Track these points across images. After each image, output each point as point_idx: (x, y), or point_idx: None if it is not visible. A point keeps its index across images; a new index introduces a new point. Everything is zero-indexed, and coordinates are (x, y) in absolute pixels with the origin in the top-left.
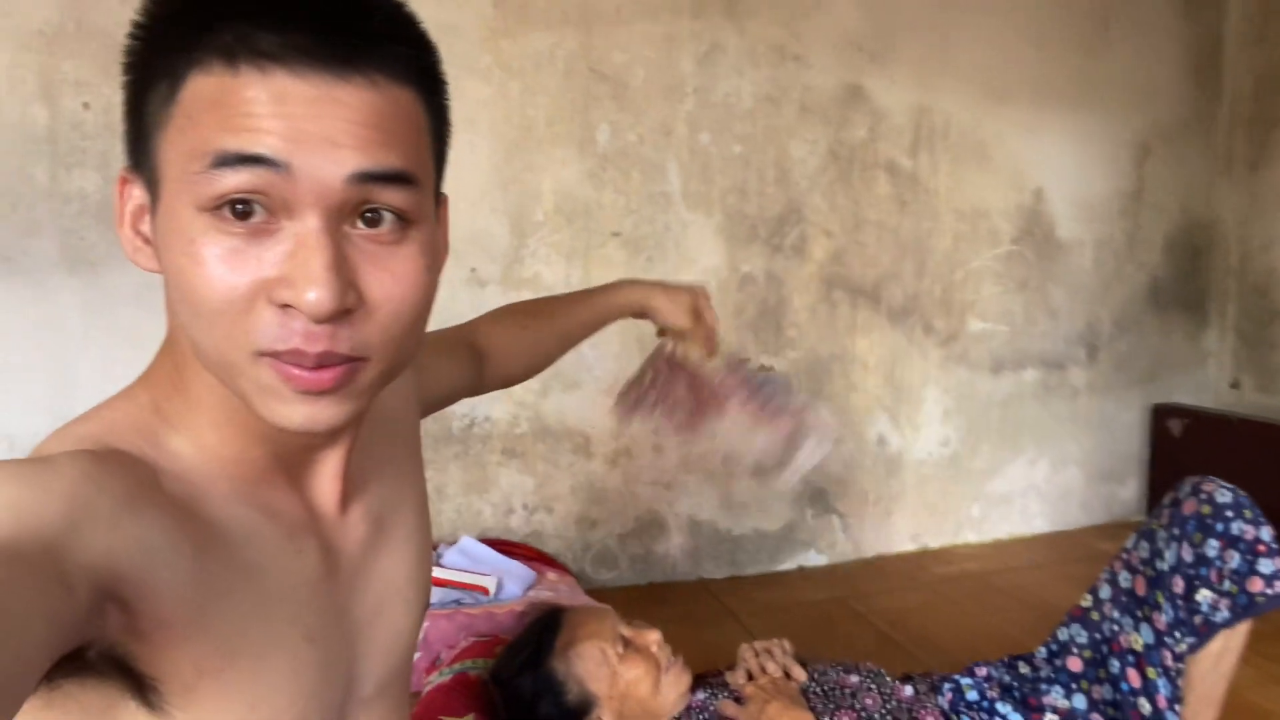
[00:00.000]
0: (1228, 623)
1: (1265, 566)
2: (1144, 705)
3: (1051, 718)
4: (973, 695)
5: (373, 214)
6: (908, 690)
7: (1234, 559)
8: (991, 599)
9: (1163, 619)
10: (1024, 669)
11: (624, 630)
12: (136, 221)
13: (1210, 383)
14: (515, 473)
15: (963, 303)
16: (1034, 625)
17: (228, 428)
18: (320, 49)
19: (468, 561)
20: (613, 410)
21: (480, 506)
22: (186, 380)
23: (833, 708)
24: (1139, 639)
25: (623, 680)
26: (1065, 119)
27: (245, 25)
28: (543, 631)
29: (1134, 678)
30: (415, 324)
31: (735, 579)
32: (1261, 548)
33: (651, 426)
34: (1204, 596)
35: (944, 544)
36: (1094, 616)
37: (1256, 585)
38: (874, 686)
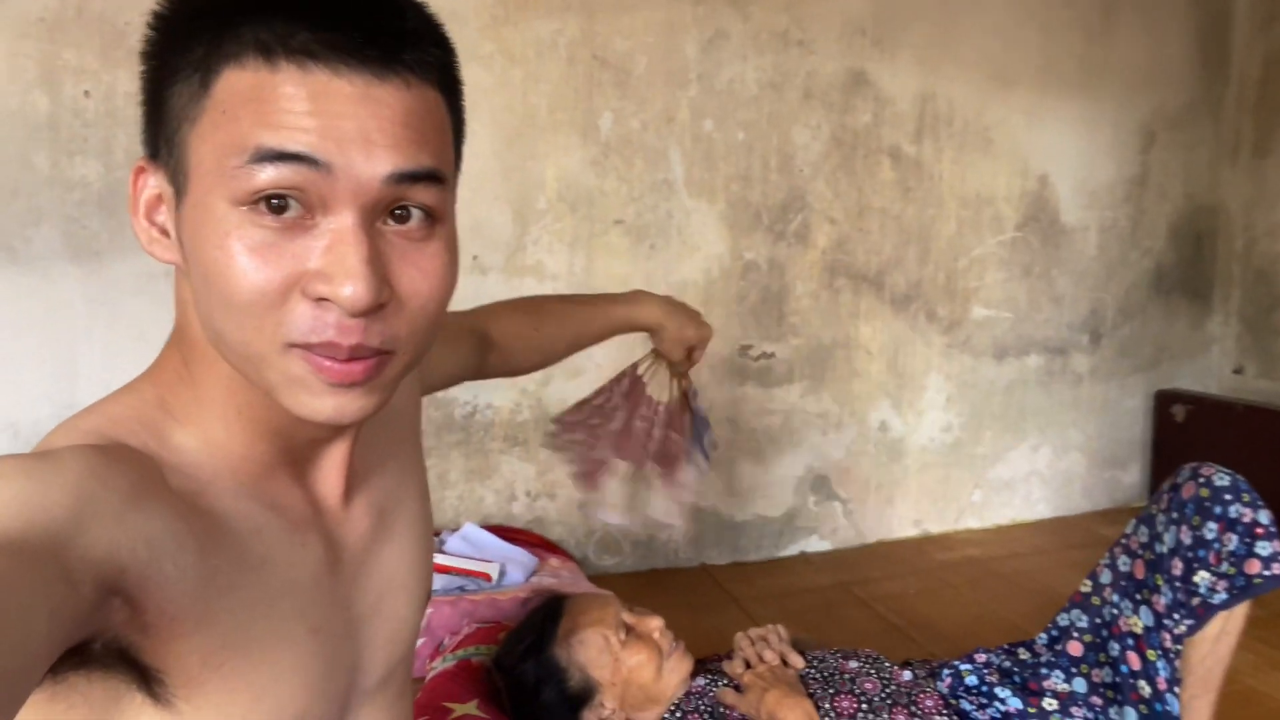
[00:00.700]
0: (1225, 604)
1: (1263, 549)
2: (1144, 687)
3: (1051, 701)
4: (972, 680)
5: (402, 211)
6: (907, 675)
7: (1232, 541)
8: (993, 585)
9: (1162, 601)
10: (1024, 655)
11: (626, 617)
12: (151, 212)
13: (1214, 369)
14: (517, 460)
15: (966, 289)
16: (1035, 611)
17: (236, 422)
18: (361, 48)
19: (470, 548)
20: (551, 433)
21: (482, 493)
22: (196, 374)
23: (831, 693)
24: (1138, 622)
25: (625, 667)
26: (1070, 105)
27: (282, 21)
28: (545, 619)
29: (1134, 660)
30: (439, 318)
31: (738, 565)
32: (1259, 530)
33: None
34: (1202, 579)
35: (946, 530)
36: (1094, 601)
37: (1254, 567)
38: (873, 671)
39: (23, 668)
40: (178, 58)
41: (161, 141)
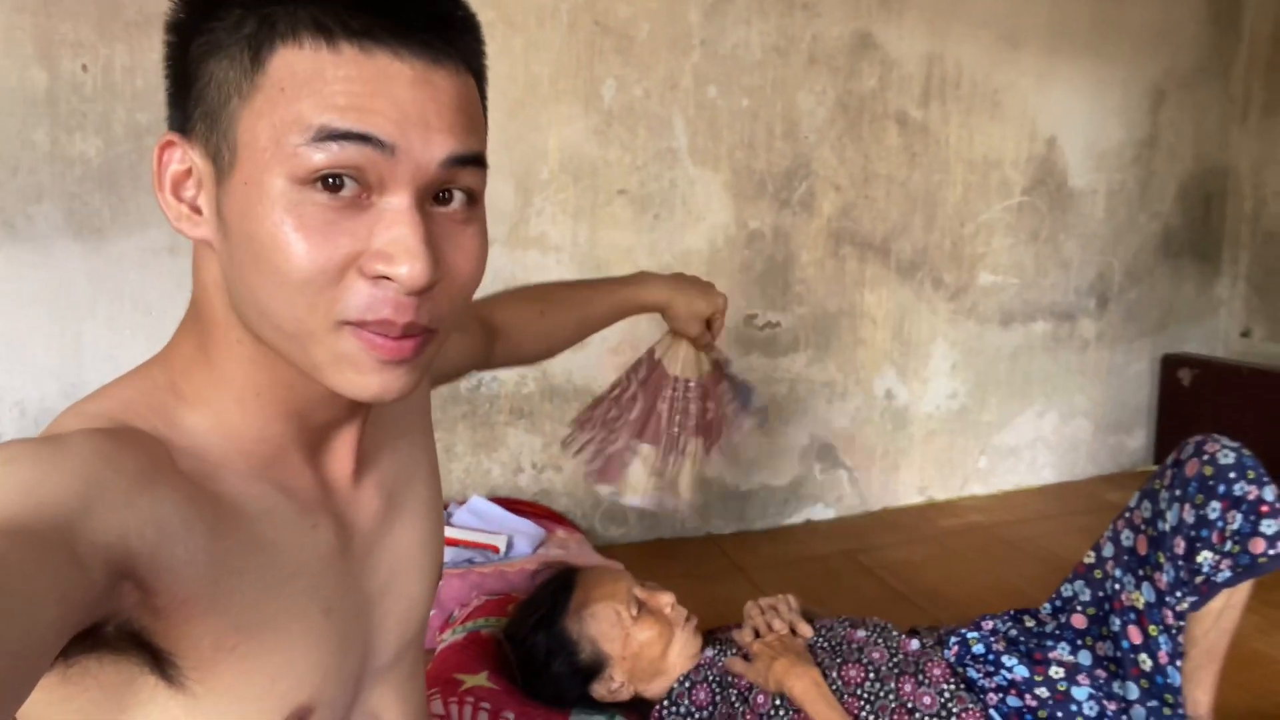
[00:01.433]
0: (1229, 582)
1: (1268, 527)
2: (1145, 661)
3: (1057, 670)
4: (979, 649)
5: (445, 194)
6: (914, 644)
7: (1236, 520)
8: (998, 551)
9: (1164, 579)
10: (1030, 623)
11: (638, 592)
12: (178, 188)
13: (1221, 332)
14: (523, 432)
15: (972, 255)
16: (1041, 577)
17: (254, 404)
18: (419, 33)
19: (478, 520)
20: (566, 440)
21: (489, 466)
22: (213, 356)
23: (839, 662)
24: (1140, 597)
25: (635, 641)
26: (1080, 66)
27: (341, 3)
28: (557, 591)
29: (1135, 635)
30: (471, 299)
31: (743, 534)
32: (1264, 508)
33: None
34: (1205, 558)
35: (951, 496)
36: (1097, 574)
37: (1259, 546)
38: (880, 641)
39: (33, 651)
40: (223, 33)
41: (198, 117)
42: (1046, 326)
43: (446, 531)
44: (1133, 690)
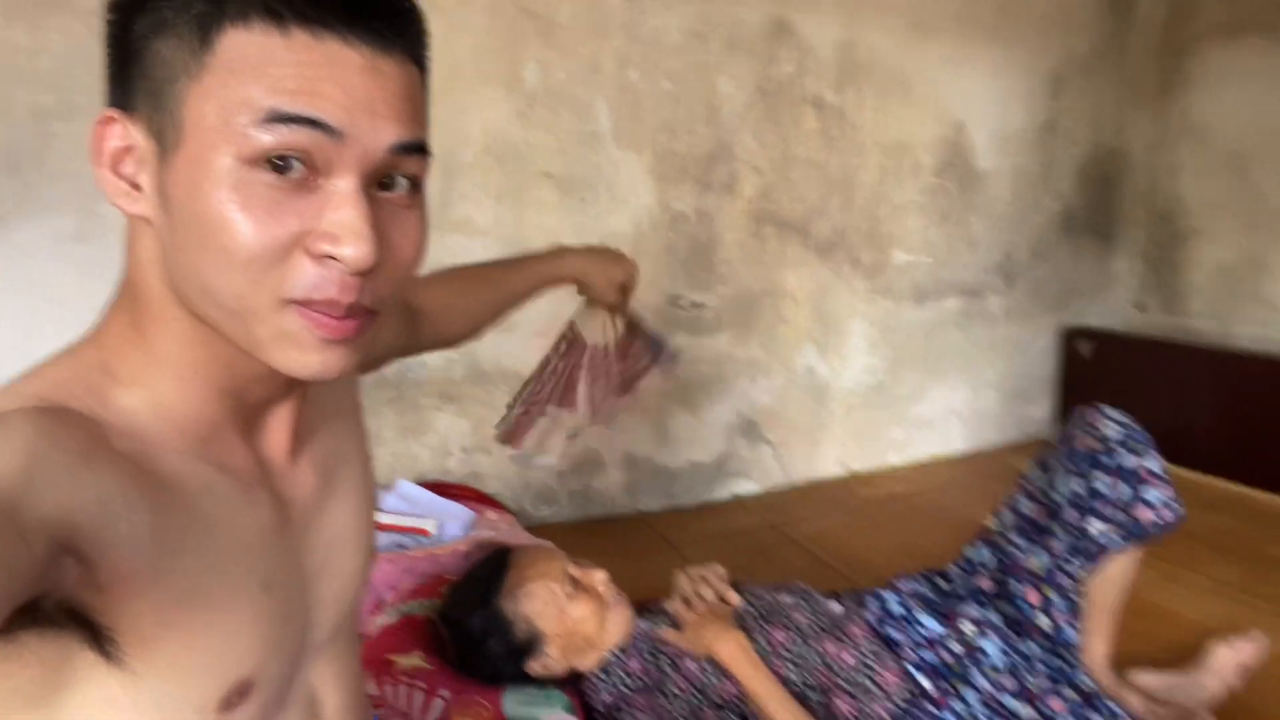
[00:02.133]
0: (1119, 548)
1: (1152, 495)
2: (1043, 620)
3: (968, 626)
4: (896, 608)
5: (388, 179)
6: (836, 607)
7: (1122, 489)
8: (914, 518)
9: (1058, 545)
10: (942, 584)
11: (572, 570)
12: (117, 164)
13: (1118, 306)
14: (451, 416)
15: (888, 236)
16: (954, 541)
17: (190, 382)
18: (368, 20)
19: (407, 505)
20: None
21: (417, 450)
22: (148, 335)
23: (766, 626)
24: (1037, 562)
25: (570, 619)
26: (986, 52)
27: None
28: (492, 571)
29: (1033, 597)
30: (410, 283)
31: (672, 510)
32: (1148, 478)
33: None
34: (1095, 526)
35: (870, 468)
36: (998, 540)
37: (1145, 514)
38: (804, 604)
39: None
40: (170, 12)
41: (141, 94)
42: (957, 303)
43: (376, 516)
44: (1034, 648)
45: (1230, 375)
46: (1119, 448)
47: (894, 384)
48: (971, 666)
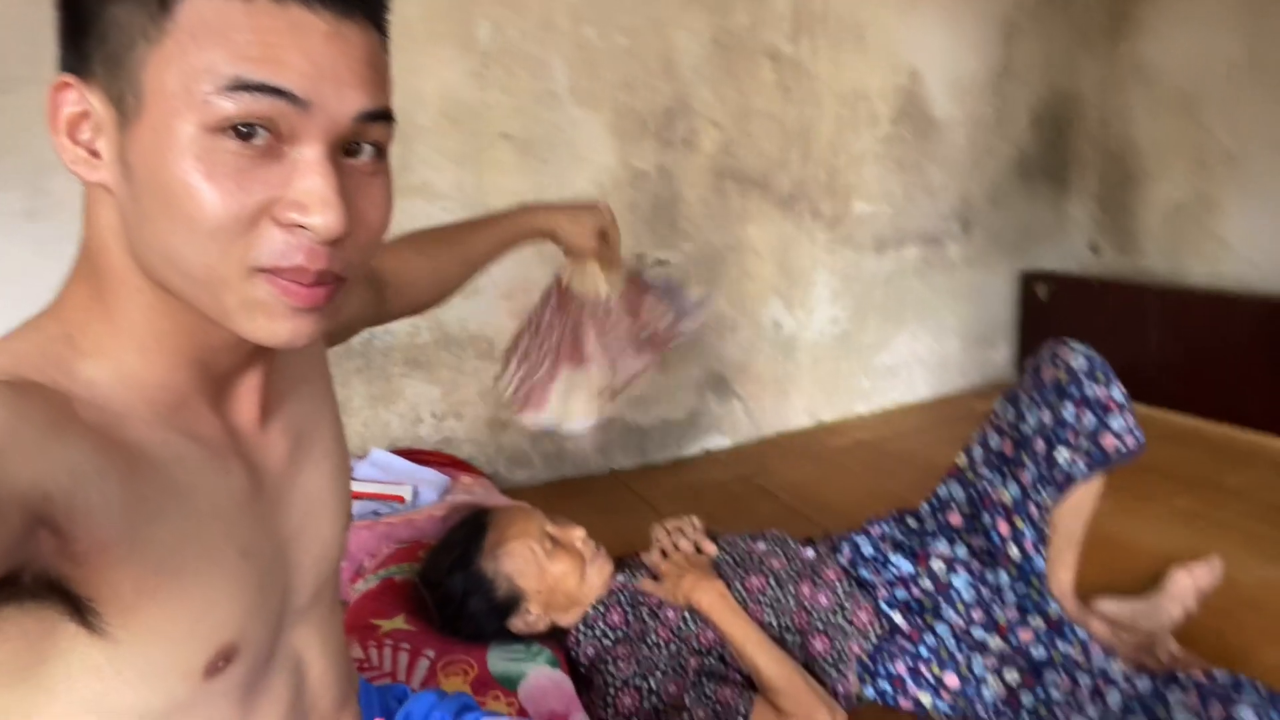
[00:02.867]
0: (1085, 476)
1: (1116, 423)
2: (1013, 550)
3: (938, 564)
4: (868, 550)
5: (354, 146)
6: (810, 552)
7: (1088, 418)
8: (882, 464)
9: (1027, 476)
10: (912, 523)
11: (550, 528)
12: (74, 131)
13: (1073, 248)
14: (420, 382)
15: (847, 186)
16: (921, 484)
17: (156, 352)
18: None
19: (380, 473)
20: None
21: (387, 418)
22: (110, 305)
23: (743, 573)
24: (1007, 494)
25: (550, 576)
26: None
27: None
28: (471, 533)
29: (1004, 528)
30: (380, 247)
31: (645, 468)
32: (1112, 405)
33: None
34: (1063, 455)
35: (837, 417)
36: (969, 476)
37: (1109, 442)
38: (779, 551)
39: None
40: None
41: (98, 60)
42: (917, 252)
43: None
44: (1003, 577)
45: (1183, 312)
46: (1085, 378)
47: (858, 334)
48: (942, 602)
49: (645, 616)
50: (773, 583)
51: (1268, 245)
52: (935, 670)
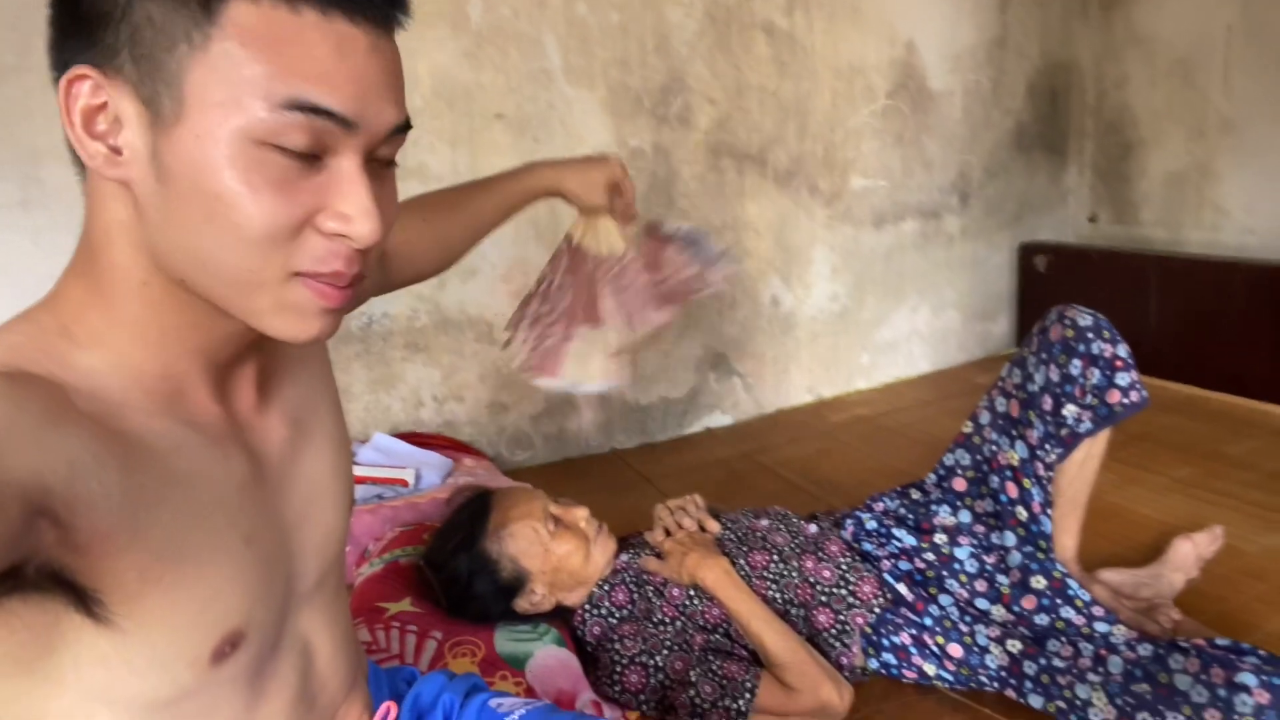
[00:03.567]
0: (1090, 432)
1: (1122, 379)
2: (1021, 512)
3: (941, 537)
4: (872, 525)
5: (374, 151)
6: (812, 528)
7: (1095, 375)
8: (883, 439)
9: (1034, 434)
10: (916, 495)
11: (553, 508)
12: (90, 124)
13: (1071, 219)
14: (421, 366)
15: (844, 161)
16: (922, 458)
17: (158, 344)
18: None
19: (383, 457)
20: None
21: (389, 402)
22: (112, 298)
23: (746, 550)
24: (1015, 455)
25: (555, 556)
26: None
27: None
28: (475, 514)
29: (1011, 489)
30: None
31: (647, 446)
32: (1119, 363)
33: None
34: (1069, 411)
35: (838, 393)
36: (975, 440)
37: (1115, 397)
38: (782, 526)
39: None
40: None
41: (128, 57)
42: (915, 225)
43: (353, 470)
44: (1010, 539)
45: (1182, 281)
46: (1092, 335)
47: (857, 309)
48: (946, 573)
49: (650, 595)
50: (776, 558)
51: (1266, 212)
52: (939, 641)
